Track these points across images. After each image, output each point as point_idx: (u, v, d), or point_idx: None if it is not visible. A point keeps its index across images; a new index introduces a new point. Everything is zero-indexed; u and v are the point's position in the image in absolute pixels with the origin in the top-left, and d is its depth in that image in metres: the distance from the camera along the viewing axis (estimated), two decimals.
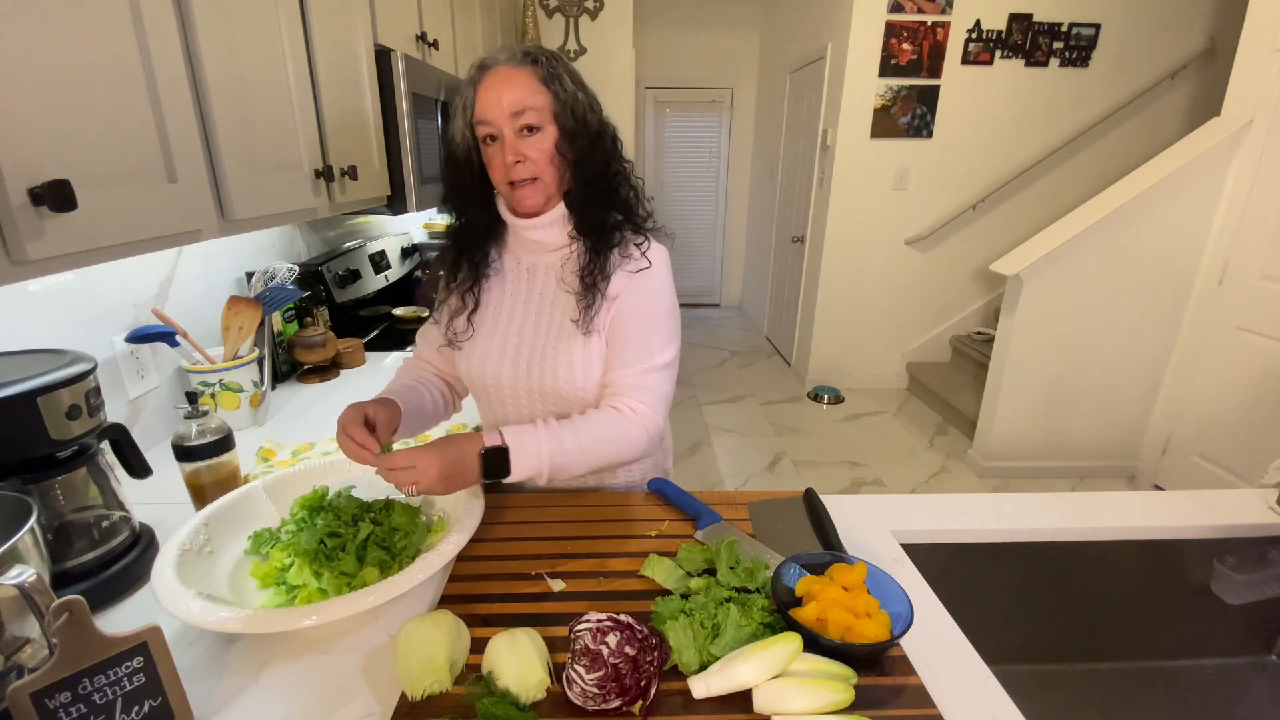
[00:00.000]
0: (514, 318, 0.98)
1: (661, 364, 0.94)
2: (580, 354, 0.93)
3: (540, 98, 0.85)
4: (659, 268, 0.95)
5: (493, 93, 0.85)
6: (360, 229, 2.21)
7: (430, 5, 1.90)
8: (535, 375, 0.94)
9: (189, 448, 0.90)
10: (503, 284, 1.00)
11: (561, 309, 0.95)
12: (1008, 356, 2.70)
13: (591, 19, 3.58)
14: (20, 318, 0.96)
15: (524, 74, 0.85)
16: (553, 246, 0.96)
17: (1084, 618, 1.00)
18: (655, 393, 0.93)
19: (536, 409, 0.98)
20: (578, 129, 0.88)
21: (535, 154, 0.87)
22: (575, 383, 0.93)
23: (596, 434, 0.89)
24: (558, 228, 0.94)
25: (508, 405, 1.00)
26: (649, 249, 0.95)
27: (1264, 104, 2.25)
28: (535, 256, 0.98)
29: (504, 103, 0.84)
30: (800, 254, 4.04)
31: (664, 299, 0.95)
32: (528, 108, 0.85)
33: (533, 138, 0.86)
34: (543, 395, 0.96)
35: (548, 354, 0.94)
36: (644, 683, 0.61)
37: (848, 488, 2.87)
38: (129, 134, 0.76)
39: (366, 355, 1.73)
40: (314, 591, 0.75)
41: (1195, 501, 1.02)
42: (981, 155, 3.53)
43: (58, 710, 0.52)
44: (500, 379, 0.97)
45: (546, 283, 0.97)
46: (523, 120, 0.85)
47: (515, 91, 0.84)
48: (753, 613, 0.69)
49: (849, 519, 0.92)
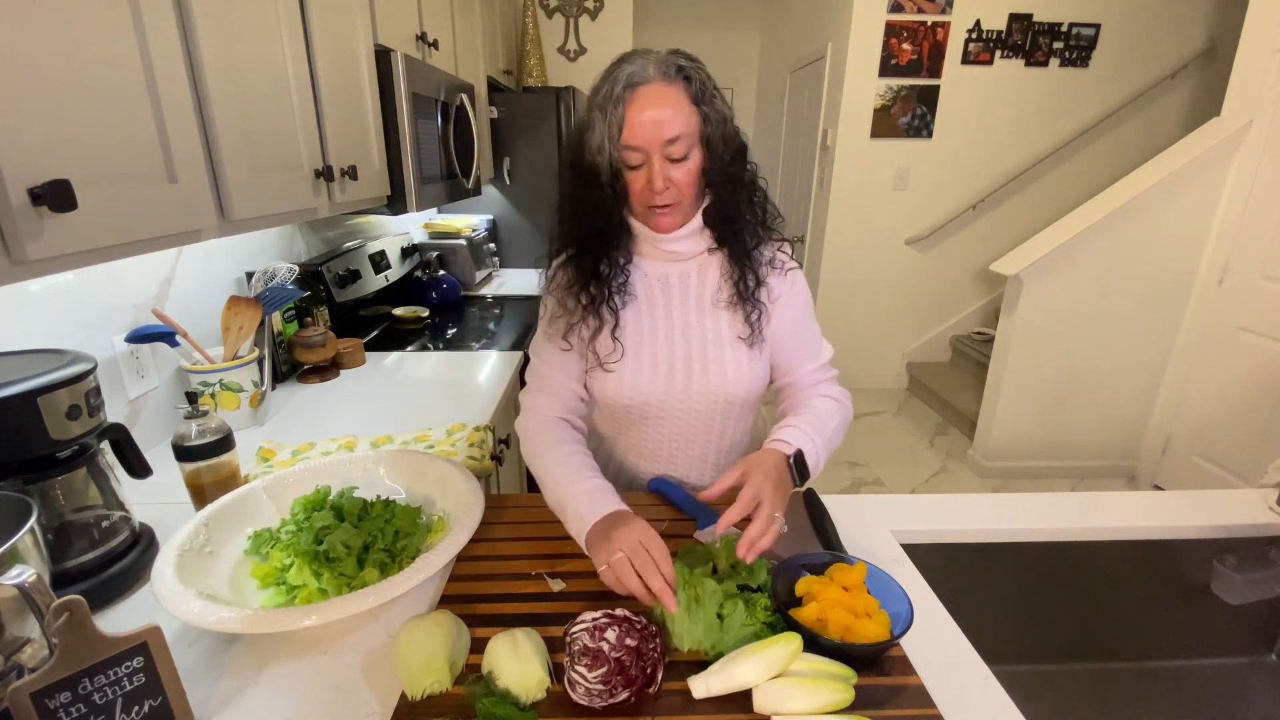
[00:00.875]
0: (657, 333, 0.96)
1: (829, 356, 1.04)
2: (747, 361, 0.95)
3: (692, 120, 0.82)
4: (799, 268, 1.00)
5: (646, 115, 0.80)
6: (360, 229, 2.21)
7: (430, 5, 1.90)
8: (698, 386, 0.95)
9: (189, 448, 0.90)
10: (635, 301, 0.96)
11: (712, 316, 0.95)
12: (1008, 356, 2.70)
13: (591, 19, 3.58)
14: (20, 318, 0.96)
15: (675, 93, 0.81)
16: (688, 255, 0.95)
17: (1084, 618, 1.00)
18: (836, 379, 1.03)
19: (696, 419, 0.98)
20: (724, 150, 0.86)
21: (682, 180, 0.84)
22: (743, 385, 0.95)
23: (837, 422, 0.96)
24: (693, 239, 0.94)
25: (664, 420, 0.99)
26: (788, 249, 0.98)
27: (1264, 104, 2.25)
28: (666, 267, 0.96)
29: (658, 130, 0.80)
30: (800, 254, 4.04)
31: (810, 294, 1.02)
32: (681, 135, 0.81)
33: (681, 164, 0.84)
34: (705, 402, 0.96)
35: (710, 362, 0.94)
36: (650, 670, 0.61)
37: (848, 488, 2.87)
38: (129, 134, 0.76)
39: (366, 355, 1.73)
40: (314, 591, 0.75)
41: (1195, 501, 1.02)
42: (981, 155, 3.53)
43: (58, 710, 0.52)
44: (653, 395, 0.95)
45: (685, 291, 0.96)
46: (671, 150, 0.82)
47: (669, 117, 0.80)
48: (756, 612, 0.69)
49: (849, 519, 0.92)
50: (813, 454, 0.89)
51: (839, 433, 0.97)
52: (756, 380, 0.97)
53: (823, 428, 0.92)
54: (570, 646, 0.63)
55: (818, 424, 0.92)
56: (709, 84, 0.84)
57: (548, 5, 3.55)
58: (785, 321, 0.97)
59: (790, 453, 0.86)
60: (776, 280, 0.96)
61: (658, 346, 0.95)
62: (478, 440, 1.21)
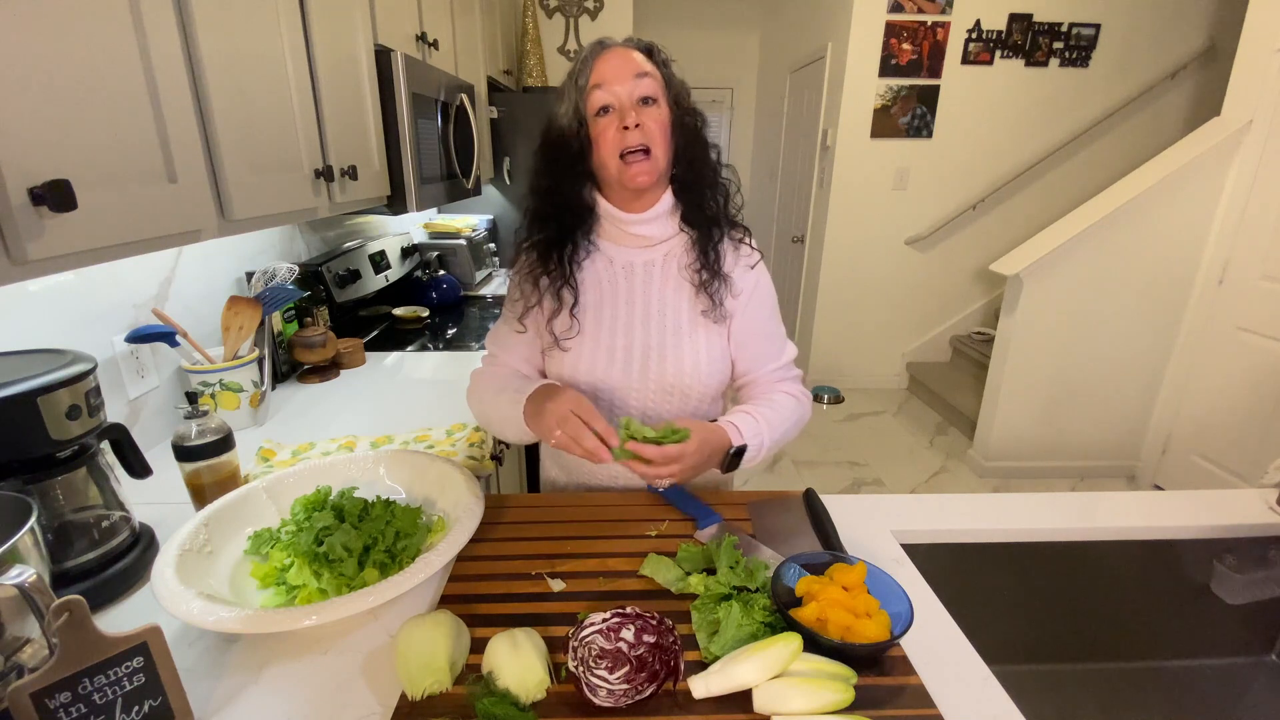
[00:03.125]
0: (618, 319, 0.96)
1: (792, 355, 1.03)
2: (705, 348, 0.95)
3: (657, 75, 0.88)
4: (763, 263, 1.00)
5: (613, 61, 0.86)
6: (360, 229, 2.21)
7: (430, 5, 1.90)
8: (655, 374, 0.95)
9: (189, 448, 0.90)
10: (598, 285, 0.97)
11: (673, 305, 0.96)
12: (1008, 356, 2.70)
13: (591, 19, 3.58)
14: (20, 318, 0.96)
15: (641, 56, 0.88)
16: (657, 240, 0.96)
17: (1084, 618, 1.00)
18: (799, 380, 1.03)
19: (649, 406, 0.98)
20: (685, 114, 0.90)
21: (652, 123, 0.86)
22: (700, 376, 0.96)
23: (792, 418, 0.97)
24: (664, 220, 0.94)
25: (616, 405, 0.99)
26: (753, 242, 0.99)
27: (1264, 104, 2.25)
28: (631, 253, 0.96)
29: (626, 67, 0.86)
30: (800, 254, 4.04)
31: (774, 294, 1.01)
32: (648, 73, 0.86)
33: (650, 108, 0.87)
34: (661, 392, 0.97)
35: (668, 352, 0.95)
36: (673, 662, 0.62)
37: (848, 488, 2.87)
38: (129, 134, 0.76)
39: (366, 355, 1.73)
40: (314, 591, 0.75)
41: (1195, 501, 1.02)
42: (981, 155, 3.53)
43: (58, 710, 0.52)
44: (609, 381, 0.96)
45: (649, 280, 0.96)
46: (642, 88, 0.86)
47: (636, 60, 0.87)
48: (754, 612, 0.69)
49: (849, 519, 0.92)
50: (757, 447, 0.91)
51: (792, 431, 0.98)
52: (715, 372, 0.97)
53: (777, 422, 0.94)
54: (581, 651, 0.63)
55: (774, 418, 0.94)
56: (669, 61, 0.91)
57: (548, 5, 3.55)
58: (750, 320, 0.97)
59: (734, 445, 0.89)
60: (741, 274, 0.96)
61: (616, 333, 0.96)
62: (478, 440, 1.21)
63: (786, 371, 1.02)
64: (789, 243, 4.28)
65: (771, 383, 1.00)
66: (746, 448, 0.90)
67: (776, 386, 1.00)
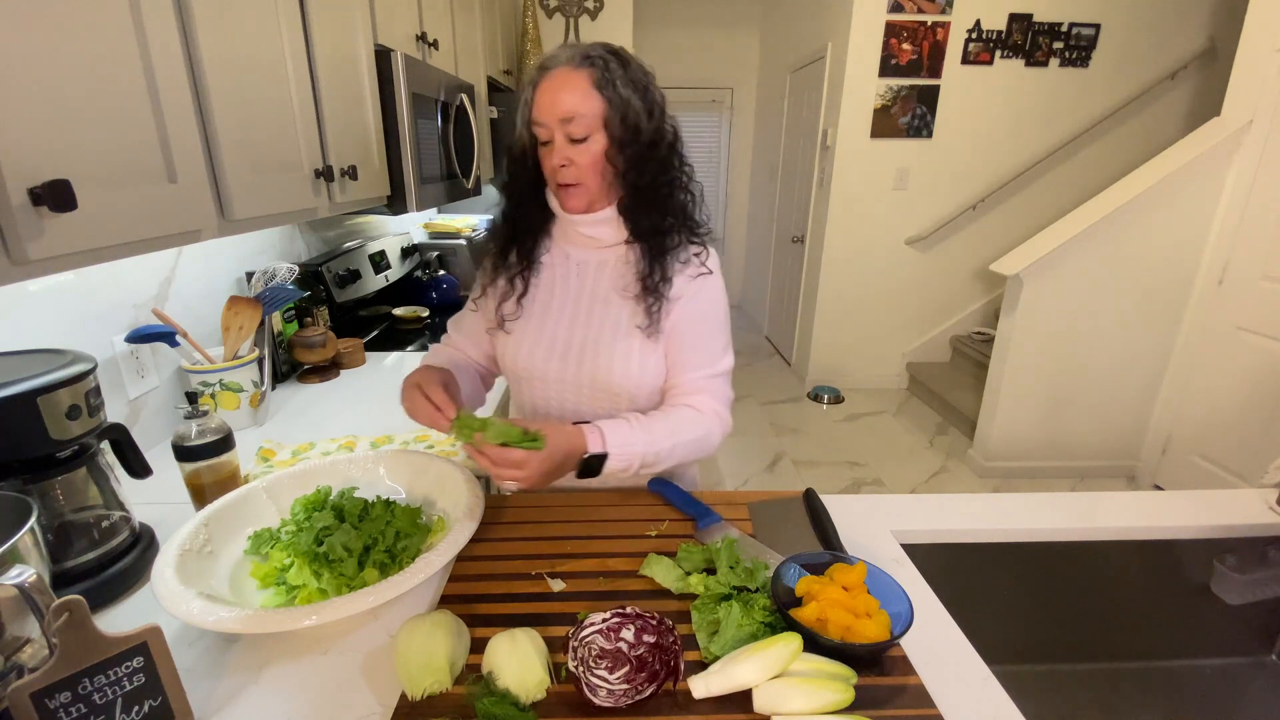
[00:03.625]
0: (564, 311, 0.98)
1: (725, 369, 0.99)
2: (638, 353, 0.94)
3: (591, 104, 0.85)
4: (717, 275, 0.97)
5: (547, 96, 0.85)
6: (360, 229, 2.21)
7: (430, 5, 1.90)
8: (587, 370, 0.95)
9: (189, 448, 0.90)
10: (551, 278, 1.00)
11: (616, 306, 0.96)
12: (1008, 356, 2.70)
13: (591, 19, 3.58)
14: (20, 318, 0.96)
15: (580, 78, 0.85)
16: (606, 243, 0.96)
17: (1084, 618, 1.00)
18: (723, 396, 0.98)
19: (582, 402, 0.99)
20: (628, 138, 0.87)
21: (582, 161, 0.87)
22: (630, 379, 0.95)
23: (685, 433, 0.93)
24: (611, 226, 0.94)
25: (551, 397, 1.00)
26: (708, 257, 0.96)
27: (1264, 104, 2.25)
28: (586, 253, 0.98)
29: (555, 108, 0.85)
30: (800, 254, 4.04)
31: (723, 306, 0.98)
32: (576, 115, 0.85)
33: (580, 145, 0.86)
34: (592, 389, 0.97)
35: (601, 350, 0.95)
36: (673, 662, 0.62)
37: (848, 488, 2.87)
38: (129, 134, 0.76)
39: (366, 355, 1.73)
40: (314, 591, 0.75)
41: (1195, 501, 1.02)
42: (981, 155, 3.53)
43: (58, 710, 0.52)
44: (547, 372, 0.97)
45: (599, 279, 0.97)
46: (569, 129, 0.85)
47: (567, 98, 0.84)
48: (754, 612, 0.69)
49: (849, 519, 0.92)
50: (626, 457, 0.87)
51: (689, 446, 0.93)
52: (647, 377, 0.96)
53: (662, 434, 0.90)
54: (581, 651, 0.63)
55: (659, 429, 0.90)
56: (615, 74, 0.86)
57: (548, 5, 3.55)
58: (679, 320, 0.95)
59: (589, 450, 0.86)
60: (684, 280, 0.94)
61: (560, 325, 0.97)
62: None
63: (708, 382, 0.96)
64: (789, 243, 4.28)
65: (687, 391, 0.96)
66: (607, 456, 0.86)
67: (688, 397, 0.96)
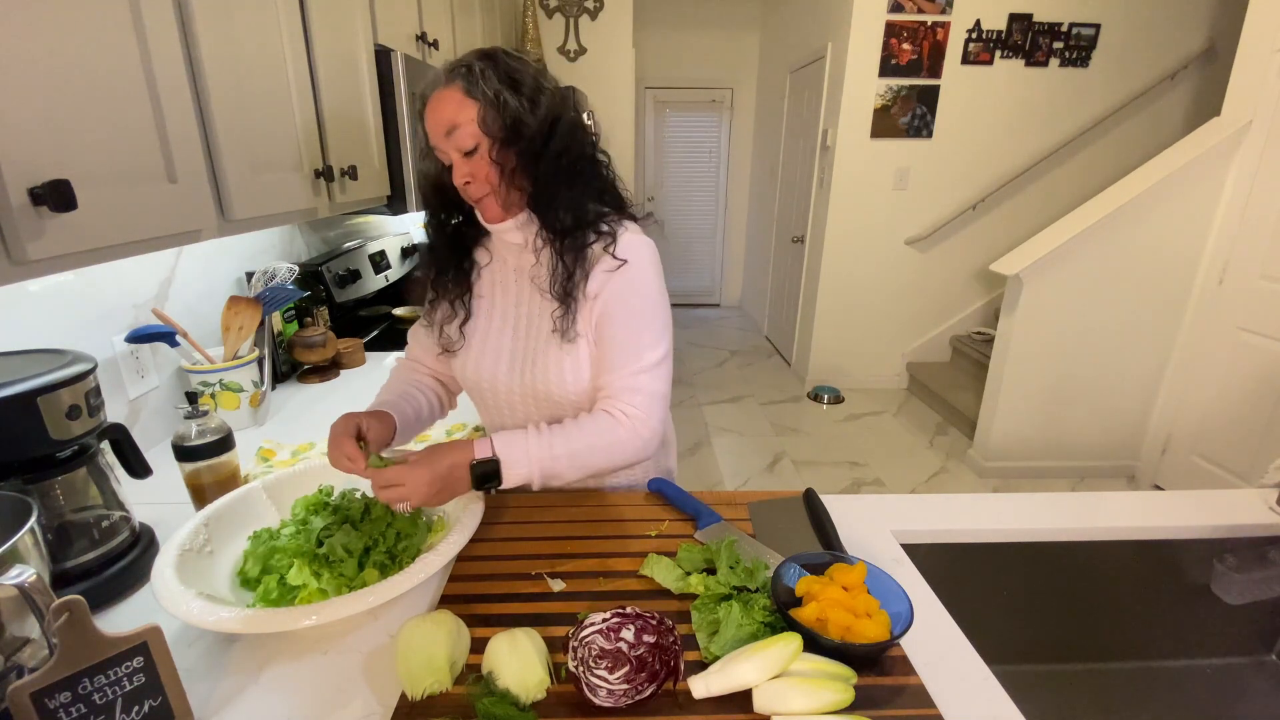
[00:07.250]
0: (506, 320, 0.97)
1: (652, 363, 0.90)
2: (568, 359, 0.91)
3: (466, 111, 0.82)
4: (638, 262, 0.90)
5: (431, 119, 0.85)
6: (360, 229, 2.21)
7: (430, 5, 1.90)
8: (528, 379, 0.94)
9: (189, 448, 0.90)
10: (494, 287, 0.99)
11: (541, 310, 0.94)
12: (1008, 356, 2.70)
13: (591, 19, 3.58)
14: (20, 318, 0.96)
15: (450, 92, 0.83)
16: (531, 249, 0.94)
17: (1084, 618, 1.00)
18: (647, 393, 0.90)
19: (531, 412, 0.97)
20: (509, 134, 0.84)
21: (479, 172, 0.85)
22: (566, 386, 0.92)
23: (588, 440, 0.87)
24: (523, 229, 0.92)
25: (503, 408, 0.99)
26: (623, 246, 0.90)
27: (1264, 104, 2.25)
28: (519, 259, 0.96)
29: (438, 127, 0.84)
30: (800, 254, 4.03)
31: (648, 294, 0.91)
32: (455, 127, 0.82)
33: (472, 156, 0.84)
34: (536, 399, 0.95)
35: (538, 358, 0.93)
36: (673, 662, 0.62)
37: (848, 488, 2.87)
38: (129, 134, 0.76)
39: (366, 355, 1.73)
40: (314, 592, 0.75)
41: (1195, 501, 1.02)
42: (981, 155, 3.53)
43: (58, 710, 0.52)
44: (495, 383, 0.96)
45: (532, 285, 0.96)
46: (453, 142, 0.83)
47: (444, 112, 0.83)
48: (754, 612, 0.69)
49: (849, 519, 0.92)
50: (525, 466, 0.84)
51: (602, 454, 0.88)
52: (581, 383, 0.93)
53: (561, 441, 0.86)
54: (581, 651, 0.63)
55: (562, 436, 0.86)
56: (480, 75, 0.82)
57: (548, 5, 3.55)
58: (600, 318, 0.90)
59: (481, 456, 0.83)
60: (600, 276, 0.89)
61: (504, 335, 0.96)
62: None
63: (631, 380, 0.90)
64: (789, 243, 4.28)
65: (610, 394, 0.91)
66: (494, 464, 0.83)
67: (607, 401, 0.90)
